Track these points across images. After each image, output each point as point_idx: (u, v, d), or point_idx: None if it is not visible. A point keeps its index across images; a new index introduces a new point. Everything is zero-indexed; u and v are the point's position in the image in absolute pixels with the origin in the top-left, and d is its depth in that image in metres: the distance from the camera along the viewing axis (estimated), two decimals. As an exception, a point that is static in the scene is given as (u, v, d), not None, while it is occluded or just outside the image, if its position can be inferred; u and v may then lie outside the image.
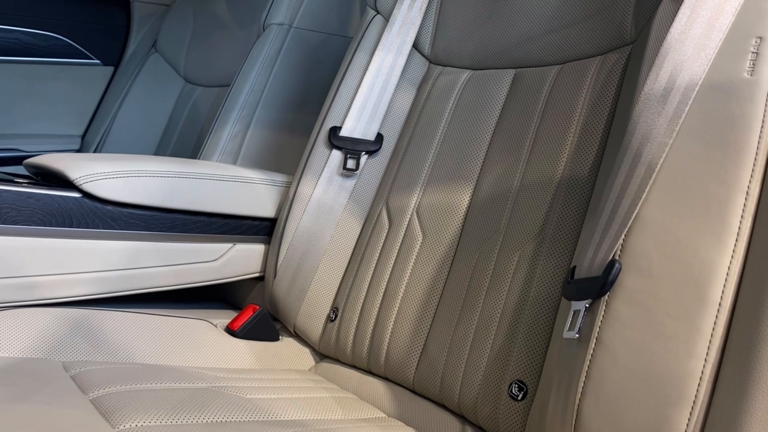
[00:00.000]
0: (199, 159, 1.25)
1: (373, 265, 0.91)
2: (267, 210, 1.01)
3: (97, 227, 0.85)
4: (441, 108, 0.96)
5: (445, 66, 1.00)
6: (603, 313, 0.57)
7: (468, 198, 0.86)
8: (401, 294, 0.86)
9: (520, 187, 0.80)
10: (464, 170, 0.88)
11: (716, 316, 0.52)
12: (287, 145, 1.29)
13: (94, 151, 1.68)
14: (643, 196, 0.57)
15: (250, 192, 0.99)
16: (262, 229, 1.01)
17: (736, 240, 0.53)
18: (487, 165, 0.86)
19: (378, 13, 1.06)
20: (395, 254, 0.89)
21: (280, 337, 0.95)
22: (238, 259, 0.99)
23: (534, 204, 0.77)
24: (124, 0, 1.85)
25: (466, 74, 0.96)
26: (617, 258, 0.57)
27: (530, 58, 0.88)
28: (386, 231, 0.92)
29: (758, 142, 0.55)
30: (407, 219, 0.91)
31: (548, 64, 0.86)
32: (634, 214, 0.57)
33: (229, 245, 0.98)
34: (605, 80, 0.77)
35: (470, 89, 0.94)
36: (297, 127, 1.31)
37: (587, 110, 0.77)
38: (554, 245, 0.73)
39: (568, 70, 0.83)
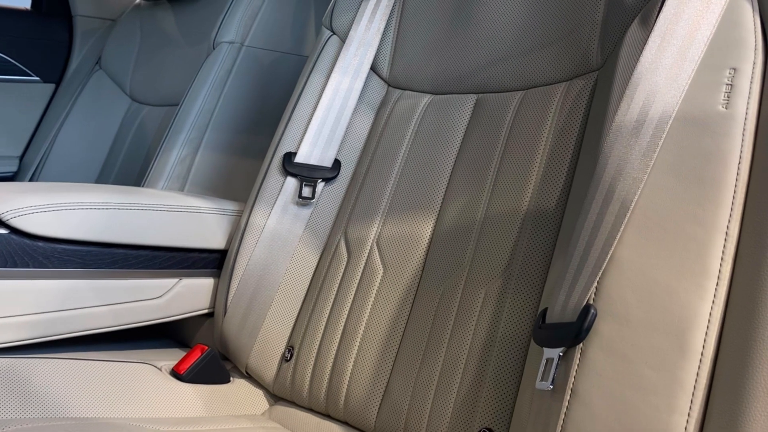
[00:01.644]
0: (144, 184, 1.18)
1: (331, 300, 0.86)
2: (216, 241, 0.95)
3: (27, 266, 0.77)
4: (401, 134, 0.91)
5: (405, 89, 0.96)
6: (578, 362, 0.53)
7: (430, 229, 0.81)
8: (361, 332, 0.81)
9: (485, 218, 0.76)
10: (426, 199, 0.84)
11: (698, 367, 0.49)
12: (239, 169, 1.22)
13: (33, 174, 1.58)
14: (618, 235, 0.54)
15: (197, 222, 0.93)
16: (211, 262, 0.95)
17: (717, 284, 0.50)
18: (450, 195, 0.82)
19: (334, 33, 1.01)
20: (354, 288, 0.84)
21: (231, 379, 0.89)
22: (184, 296, 0.92)
23: (499, 237, 0.73)
24: (66, 14, 1.76)
25: (426, 99, 0.92)
26: (592, 303, 0.53)
27: (492, 83, 0.85)
28: (345, 263, 0.87)
29: (736, 180, 0.52)
30: (367, 251, 0.86)
31: (511, 89, 0.82)
32: (608, 255, 0.54)
33: (174, 280, 0.91)
34: (571, 108, 0.74)
35: (431, 114, 0.90)
36: (250, 150, 1.25)
37: (553, 139, 0.74)
38: (522, 282, 0.69)
39: (532, 96, 0.79)
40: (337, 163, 0.94)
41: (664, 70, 0.58)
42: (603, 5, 0.74)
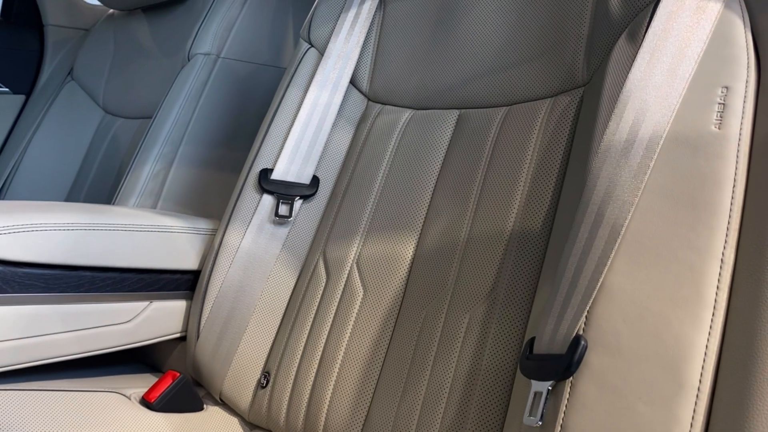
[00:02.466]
0: (115, 201, 1.13)
1: (309, 323, 0.82)
2: (189, 262, 0.91)
3: (-15, 291, 0.73)
4: (381, 149, 0.88)
5: (385, 104, 0.93)
6: (568, 396, 0.50)
7: (412, 249, 0.78)
8: (340, 357, 0.77)
9: (468, 239, 0.73)
10: (407, 218, 0.81)
11: (695, 403, 0.46)
12: (215, 184, 1.19)
13: (0, 190, 1.52)
14: (608, 262, 0.51)
15: (169, 242, 0.89)
16: (184, 284, 0.91)
17: (713, 314, 0.48)
18: (432, 213, 0.79)
19: (312, 45, 0.98)
20: (333, 311, 0.81)
21: (205, 407, 0.85)
22: (155, 319, 0.88)
23: (484, 259, 0.70)
24: (37, 23, 1.71)
25: (407, 114, 0.89)
26: (582, 333, 0.51)
27: (475, 98, 0.82)
28: (323, 285, 0.84)
29: (731, 203, 0.50)
30: (346, 271, 0.82)
31: (494, 105, 0.80)
32: (599, 283, 0.51)
33: (144, 303, 0.87)
34: (556, 125, 0.72)
35: (412, 130, 0.87)
36: (226, 164, 1.21)
37: (538, 157, 0.72)
38: (507, 307, 0.66)
39: (516, 112, 0.77)
40: (315, 180, 0.91)
41: (654, 88, 0.56)
42: (588, 19, 0.72)
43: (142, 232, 0.86)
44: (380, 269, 0.80)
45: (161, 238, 0.88)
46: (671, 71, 0.55)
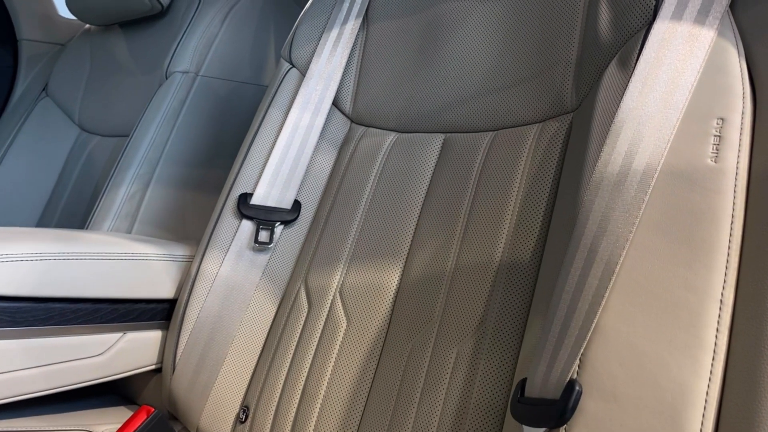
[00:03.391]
0: (89, 224, 1.09)
1: (290, 355, 0.79)
2: (165, 290, 0.87)
3: (-54, 326, 0.69)
4: (365, 173, 0.86)
5: (369, 126, 0.90)
6: (562, 444, 0.48)
7: (397, 278, 0.76)
8: (323, 391, 0.74)
9: (455, 269, 0.71)
10: (392, 246, 0.78)
11: (696, 453, 0.44)
12: (193, 205, 1.15)
13: (-28, 209, 1.48)
14: (603, 301, 0.49)
15: (144, 270, 0.85)
16: (159, 314, 0.87)
17: (713, 358, 0.46)
18: (418, 241, 0.76)
19: (293, 66, 0.95)
20: (316, 343, 0.78)
21: (181, 443, 0.81)
22: (129, 351, 0.84)
23: (471, 290, 0.68)
24: (10, 38, 1.66)
25: (391, 137, 0.87)
26: (576, 377, 0.48)
27: (461, 122, 0.80)
28: (305, 314, 0.81)
29: (729, 241, 0.48)
30: (329, 301, 0.79)
31: (481, 130, 0.78)
32: (593, 324, 0.49)
33: (118, 335, 0.83)
34: (545, 151, 0.70)
35: (396, 154, 0.85)
36: (205, 185, 1.18)
37: (526, 184, 0.69)
38: (496, 341, 0.64)
39: (503, 137, 0.75)
40: (296, 205, 0.88)
41: (647, 117, 0.54)
42: (577, 44, 0.70)
43: (115, 260, 0.82)
44: (364, 299, 0.77)
45: (136, 267, 0.84)
46: (665, 101, 0.54)
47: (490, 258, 0.68)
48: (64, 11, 1.71)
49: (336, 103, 0.93)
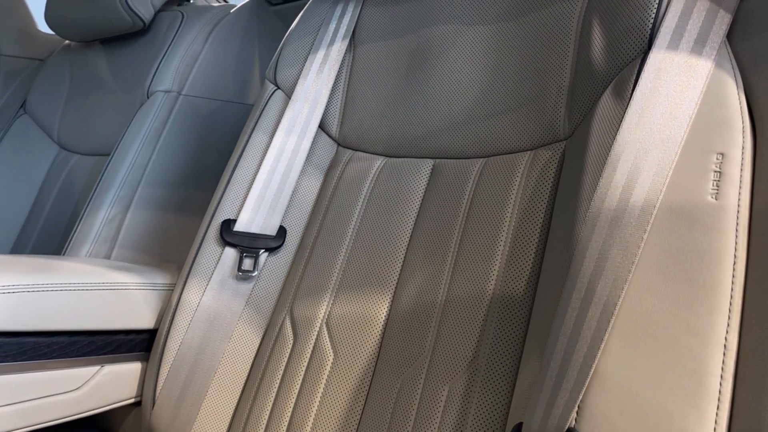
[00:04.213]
0: (67, 248, 1.06)
1: (275, 389, 0.76)
2: (144, 320, 0.84)
3: None
4: (352, 199, 0.84)
5: (356, 150, 0.88)
6: (561, 496, 0.45)
7: (386, 310, 0.73)
8: (309, 427, 0.71)
9: (446, 301, 0.68)
10: (380, 275, 0.76)
11: None
12: (175, 228, 1.12)
13: (-55, 230, 1.43)
14: (602, 345, 0.47)
15: (123, 300, 0.82)
16: (138, 345, 0.84)
17: (718, 407, 0.44)
18: (407, 271, 0.74)
19: (278, 87, 0.93)
20: (301, 376, 0.75)
21: (161, 481, 0.78)
22: (107, 385, 0.81)
23: (463, 325, 0.66)
24: (-12, 53, 1.63)
25: (379, 161, 0.85)
26: (575, 426, 0.46)
27: (450, 148, 0.78)
28: (290, 346, 0.78)
29: (732, 282, 0.46)
30: (315, 332, 0.77)
31: (471, 156, 0.76)
32: (592, 368, 0.47)
33: (95, 368, 0.80)
34: (537, 180, 0.68)
35: (384, 179, 0.82)
36: (187, 206, 1.15)
37: (518, 215, 0.68)
38: (489, 379, 0.61)
39: (494, 164, 0.73)
40: (282, 231, 0.86)
41: (644, 151, 0.52)
42: (569, 70, 0.69)
43: (92, 290, 0.79)
44: (352, 331, 0.74)
45: (114, 296, 0.81)
46: (662, 134, 0.52)
47: (482, 290, 0.66)
48: (43, 26, 1.68)
49: (322, 126, 0.91)
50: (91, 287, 0.79)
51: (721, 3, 0.56)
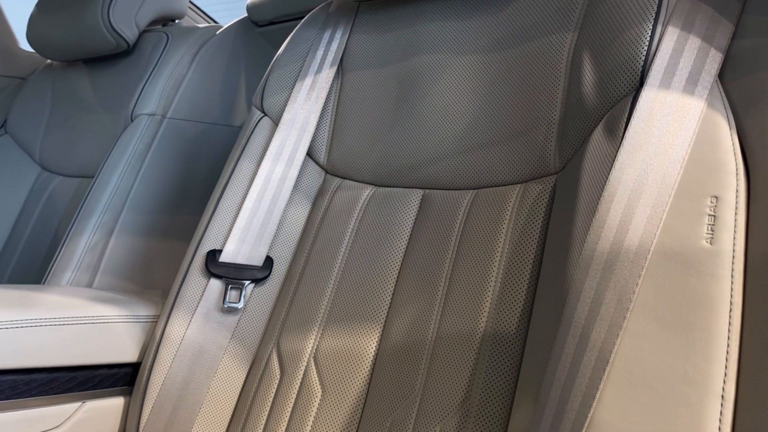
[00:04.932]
0: (48, 276, 1.03)
1: (261, 425, 0.74)
2: (127, 354, 0.82)
3: None
4: (341, 229, 0.82)
5: (344, 178, 0.87)
6: None
7: (375, 345, 0.72)
8: (296, 466, 0.70)
9: (437, 338, 0.67)
10: (369, 309, 0.74)
11: None
12: (159, 253, 1.10)
13: None
14: (597, 394, 0.46)
15: (105, 334, 0.80)
16: (121, 379, 0.82)
17: (717, 461, 0.43)
18: (396, 304, 0.73)
19: (265, 114, 0.92)
20: (289, 412, 0.73)
21: None
22: (89, 421, 0.78)
23: (454, 363, 0.64)
24: (-32, 71, 1.60)
25: (368, 190, 0.83)
26: (571, 478, 0.45)
27: (440, 178, 0.77)
28: (277, 381, 0.76)
29: (728, 330, 0.45)
30: (302, 367, 0.75)
31: (460, 187, 0.75)
32: (587, 419, 0.46)
33: (76, 405, 0.77)
34: (528, 215, 0.67)
35: (373, 208, 0.81)
36: (172, 231, 1.13)
37: (510, 250, 0.67)
38: (481, 421, 0.60)
39: (484, 197, 0.72)
40: (268, 261, 0.84)
41: (637, 194, 0.51)
42: (559, 104, 0.68)
43: (73, 325, 0.77)
44: (340, 366, 0.73)
45: (96, 330, 0.79)
46: (656, 176, 0.51)
47: (473, 327, 0.65)
48: (25, 44, 1.65)
49: (310, 153, 0.90)
50: (73, 322, 0.77)
51: (712, 41, 0.56)
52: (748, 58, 0.54)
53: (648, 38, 0.59)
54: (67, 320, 0.76)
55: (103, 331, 0.80)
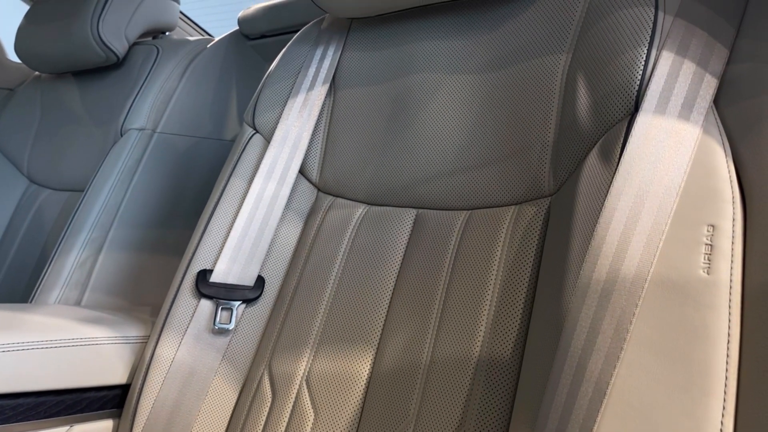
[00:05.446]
0: (36, 294, 1.02)
1: (253, 449, 0.73)
2: (116, 376, 0.81)
3: None
4: (333, 248, 0.81)
5: (337, 197, 0.86)
6: None
7: (368, 367, 0.71)
8: (288, 492, 0.69)
9: (431, 362, 0.66)
10: (362, 330, 0.73)
11: None
12: (149, 269, 1.09)
13: None
14: (595, 426, 0.45)
15: (93, 356, 0.78)
16: (110, 401, 0.81)
17: (716, 497, 0.42)
18: (390, 326, 0.72)
19: (257, 131, 0.91)
20: (280, 436, 0.72)
21: None
22: (76, 446, 0.77)
23: (449, 388, 0.64)
24: (-45, 82, 1.58)
25: (361, 209, 0.83)
26: None
27: (433, 198, 0.77)
28: (269, 404, 0.75)
29: (726, 363, 0.45)
30: (295, 390, 0.74)
31: (454, 208, 0.75)
32: (585, 452, 0.45)
33: (64, 429, 0.76)
34: (523, 237, 0.67)
35: (366, 227, 0.81)
36: (161, 246, 1.12)
37: (504, 272, 0.66)
38: (476, 448, 0.59)
39: (478, 218, 0.72)
40: (260, 281, 0.83)
41: (632, 221, 0.51)
42: (553, 125, 0.68)
43: (61, 348, 0.75)
44: (333, 389, 0.72)
45: (84, 352, 0.78)
46: (652, 203, 0.51)
47: (468, 351, 0.64)
48: (13, 54, 1.64)
49: (302, 171, 0.89)
50: (60, 344, 0.75)
51: (707, 66, 0.56)
52: (743, 83, 0.54)
53: (643, 63, 0.59)
54: (54, 343, 0.75)
55: (91, 353, 0.78)
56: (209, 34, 1.82)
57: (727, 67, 0.56)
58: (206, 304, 0.81)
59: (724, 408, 0.44)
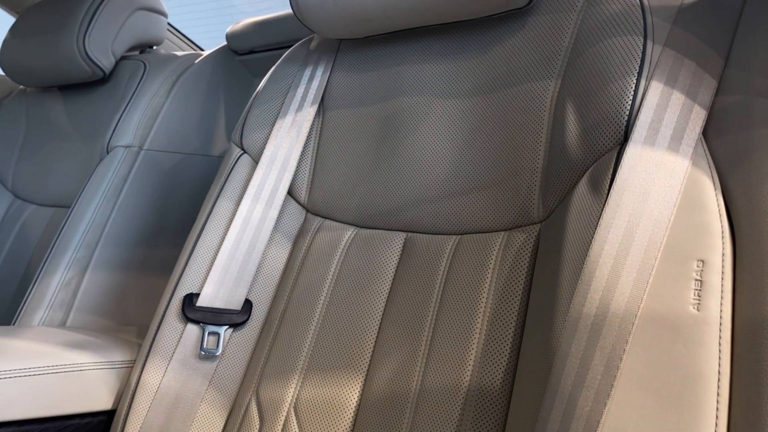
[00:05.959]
0: (19, 315, 1.00)
1: (240, 478, 0.72)
2: (101, 402, 0.79)
3: None
4: (322, 271, 0.81)
5: (326, 218, 0.86)
6: None
7: (357, 394, 0.71)
8: None
9: (421, 390, 0.66)
10: (352, 356, 0.73)
11: None
12: (136, 288, 1.08)
13: None
14: (585, 467, 0.45)
15: (78, 382, 0.77)
16: (95, 428, 0.79)
17: None
18: (379, 353, 0.71)
19: (245, 152, 0.90)
20: (268, 464, 0.72)
21: None
22: (60, 475, 0.76)
23: (439, 418, 0.63)
24: (-61, 95, 1.56)
25: (350, 231, 0.82)
26: None
27: (423, 222, 0.76)
28: (256, 431, 0.74)
29: (717, 401, 0.45)
30: (282, 416, 0.73)
31: (444, 232, 0.74)
32: (575, 493, 0.45)
33: (47, 458, 0.75)
34: (512, 264, 0.66)
35: (355, 250, 0.80)
36: (149, 265, 1.10)
37: (494, 299, 0.66)
38: (466, 480, 0.59)
39: (468, 243, 0.71)
40: (247, 305, 0.82)
41: (622, 256, 0.51)
42: (542, 151, 0.68)
43: (45, 375, 0.74)
44: (321, 416, 0.71)
45: (69, 379, 0.76)
46: (642, 237, 0.51)
47: (458, 379, 0.64)
48: (-2, 67, 1.62)
49: (291, 192, 0.88)
50: (44, 371, 0.74)
51: (696, 97, 0.56)
52: (732, 114, 0.54)
53: (632, 93, 0.59)
54: (37, 370, 0.74)
55: (76, 379, 0.77)
56: (198, 46, 1.81)
57: (716, 98, 0.56)
58: (193, 329, 0.80)
59: (714, 448, 0.44)
